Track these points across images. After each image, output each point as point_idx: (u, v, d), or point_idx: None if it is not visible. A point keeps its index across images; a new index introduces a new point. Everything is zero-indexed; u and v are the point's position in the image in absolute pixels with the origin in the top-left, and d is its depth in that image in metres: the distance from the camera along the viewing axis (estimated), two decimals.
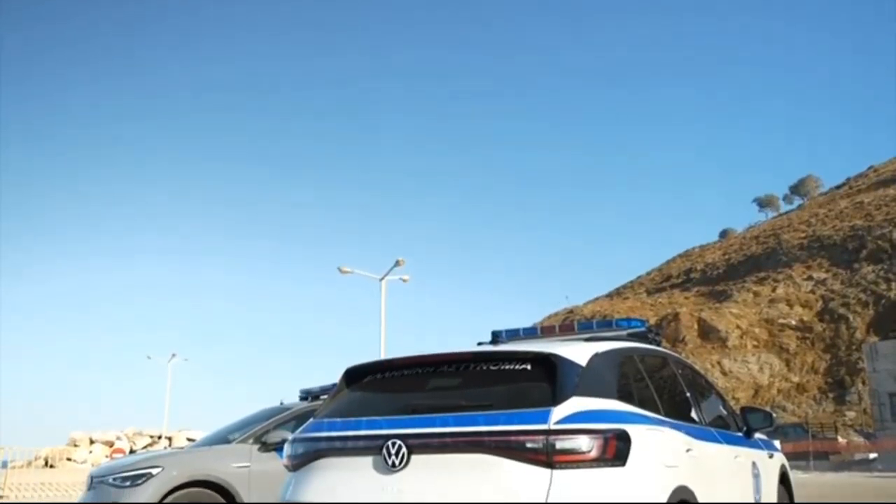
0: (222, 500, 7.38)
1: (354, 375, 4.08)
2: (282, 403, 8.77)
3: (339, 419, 3.82)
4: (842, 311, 57.14)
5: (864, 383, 46.39)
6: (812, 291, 61.31)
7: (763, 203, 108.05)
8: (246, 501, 7.40)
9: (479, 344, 4.79)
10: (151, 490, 7.18)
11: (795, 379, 54.62)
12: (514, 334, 4.95)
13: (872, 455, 35.42)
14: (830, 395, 51.90)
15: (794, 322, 58.84)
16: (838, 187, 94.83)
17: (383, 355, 6.37)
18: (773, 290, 63.15)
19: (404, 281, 30.87)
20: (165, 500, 7.17)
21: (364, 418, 3.69)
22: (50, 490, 21.07)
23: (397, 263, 29.08)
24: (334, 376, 4.42)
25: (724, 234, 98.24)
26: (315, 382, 8.86)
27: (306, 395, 8.75)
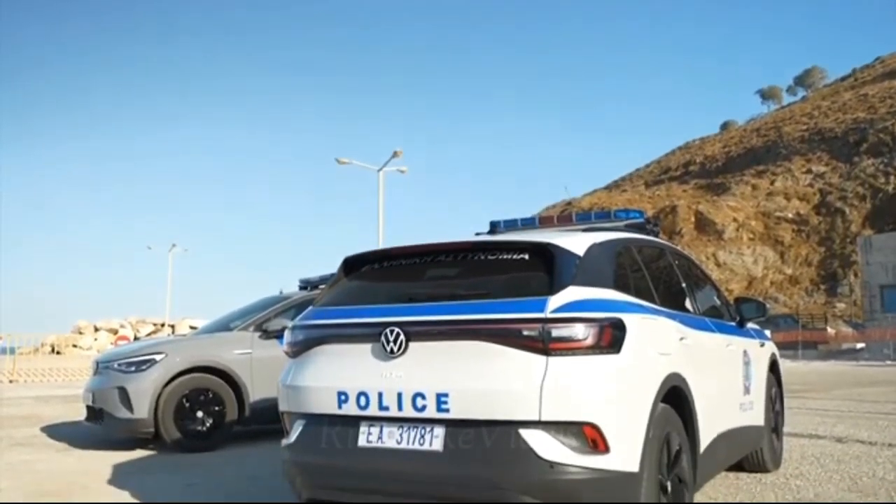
0: (225, 385, 7.58)
1: (353, 265, 4.10)
2: (281, 293, 8.88)
3: (337, 307, 3.86)
4: (839, 204, 57.21)
5: (856, 276, 46.98)
6: (810, 185, 61.20)
7: (766, 95, 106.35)
8: (248, 385, 7.60)
9: (477, 234, 4.79)
10: (156, 375, 7.36)
11: (789, 271, 55.27)
12: (512, 225, 4.94)
13: (860, 345, 36.30)
14: (822, 287, 52.66)
15: (790, 215, 59.01)
16: (843, 79, 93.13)
17: (381, 246, 6.46)
18: (772, 183, 63.01)
19: (402, 172, 30.73)
20: (169, 385, 7.37)
21: (362, 306, 3.73)
22: (57, 375, 21.61)
23: (395, 154, 28.87)
24: (333, 266, 4.44)
25: (724, 126, 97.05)
26: (314, 272, 8.95)
27: (305, 285, 8.85)
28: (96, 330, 47.94)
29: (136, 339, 36.08)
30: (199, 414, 7.45)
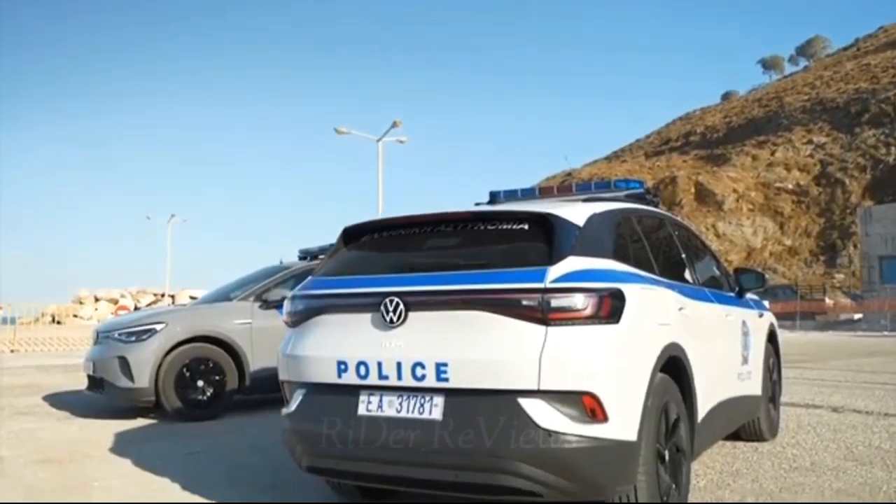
0: (225, 354, 7.61)
1: (352, 235, 4.09)
2: (281, 262, 8.89)
3: (337, 277, 3.86)
4: (839, 175, 57.05)
5: (855, 247, 47.04)
6: (811, 155, 60.97)
7: (767, 65, 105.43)
8: (248, 355, 7.63)
9: (477, 204, 4.78)
10: (156, 344, 7.38)
11: (788, 242, 55.29)
12: (512, 195, 4.94)
13: (857, 316, 36.42)
14: (821, 258, 52.72)
15: (790, 186, 58.88)
16: (846, 48, 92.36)
17: (381, 216, 6.34)
18: (772, 153, 62.77)
19: (402, 142, 30.61)
20: (170, 354, 7.40)
21: (362, 276, 3.73)
22: (58, 345, 21.70)
23: (394, 125, 28.75)
24: (332, 237, 4.44)
25: (726, 96, 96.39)
26: (313, 242, 8.96)
27: (305, 255, 8.85)
28: (97, 300, 47.99)
29: (136, 309, 36.15)
30: (200, 383, 7.49)
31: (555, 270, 3.26)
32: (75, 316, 43.58)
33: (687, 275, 4.61)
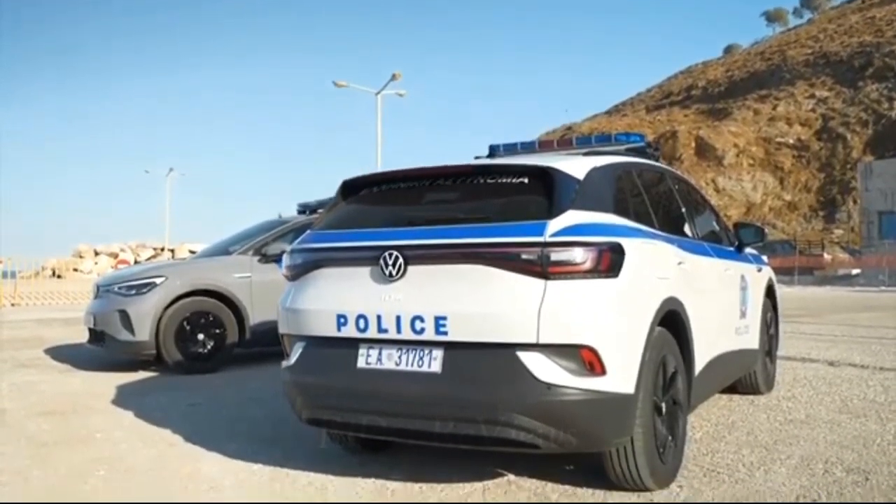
0: (225, 308, 7.64)
1: (351, 188, 4.07)
2: (280, 217, 8.87)
3: (336, 231, 3.85)
4: (840, 130, 56.72)
5: (854, 202, 46.98)
6: (813, 110, 60.55)
7: (771, 17, 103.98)
8: (248, 309, 7.66)
9: (477, 158, 4.75)
10: (156, 298, 7.41)
11: (788, 197, 55.20)
12: (511, 148, 4.90)
13: (855, 271, 36.56)
14: (821, 213, 52.71)
15: (791, 141, 58.56)
16: (851, 1, 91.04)
17: (379, 170, 6.26)
18: (774, 108, 62.31)
19: (401, 95, 30.36)
20: (170, 308, 7.42)
21: (361, 230, 3.72)
22: (59, 298, 21.78)
23: (394, 77, 28.49)
24: (331, 190, 4.41)
25: (728, 49, 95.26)
26: (312, 196, 8.93)
27: (304, 209, 8.82)
28: (96, 254, 48.09)
29: (136, 263, 36.21)
30: (200, 336, 7.53)
31: (554, 224, 3.25)
32: (75, 270, 43.71)
33: (686, 229, 4.60)
